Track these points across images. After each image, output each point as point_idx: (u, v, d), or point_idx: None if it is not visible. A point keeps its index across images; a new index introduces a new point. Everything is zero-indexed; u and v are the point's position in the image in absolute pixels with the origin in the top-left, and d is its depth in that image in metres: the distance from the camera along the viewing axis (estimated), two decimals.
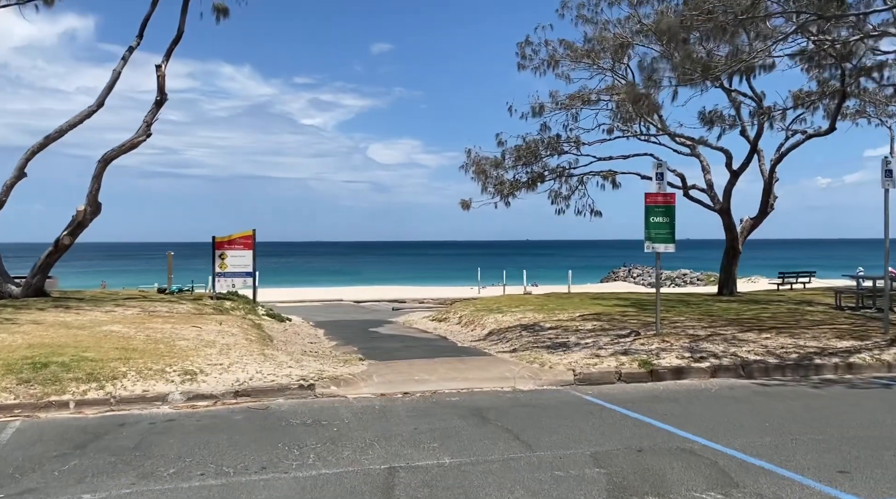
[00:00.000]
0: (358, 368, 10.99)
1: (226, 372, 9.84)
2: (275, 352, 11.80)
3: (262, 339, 13.11)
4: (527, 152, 24.19)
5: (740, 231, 24.13)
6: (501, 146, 24.22)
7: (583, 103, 24.40)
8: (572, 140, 24.53)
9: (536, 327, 15.34)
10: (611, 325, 14.74)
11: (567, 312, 17.57)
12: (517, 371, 10.63)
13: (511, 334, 14.97)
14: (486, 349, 13.60)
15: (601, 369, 10.54)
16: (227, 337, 12.40)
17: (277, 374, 9.93)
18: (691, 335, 12.70)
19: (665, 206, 12.42)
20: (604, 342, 12.59)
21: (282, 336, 15.08)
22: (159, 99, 17.24)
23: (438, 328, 18.76)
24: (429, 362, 11.57)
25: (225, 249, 20.98)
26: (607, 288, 54.20)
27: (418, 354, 12.90)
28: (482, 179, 24.52)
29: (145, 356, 10.19)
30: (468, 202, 24.92)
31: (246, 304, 20.92)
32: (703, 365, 10.75)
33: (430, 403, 9.02)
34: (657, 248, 12.51)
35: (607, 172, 25.27)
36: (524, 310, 18.82)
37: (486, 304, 21.63)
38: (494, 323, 17.01)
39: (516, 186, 24.61)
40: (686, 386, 10.04)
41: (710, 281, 65.11)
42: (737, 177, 23.25)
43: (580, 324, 15.16)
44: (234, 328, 13.46)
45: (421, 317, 22.66)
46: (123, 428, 7.78)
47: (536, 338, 13.86)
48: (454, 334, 16.90)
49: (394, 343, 15.07)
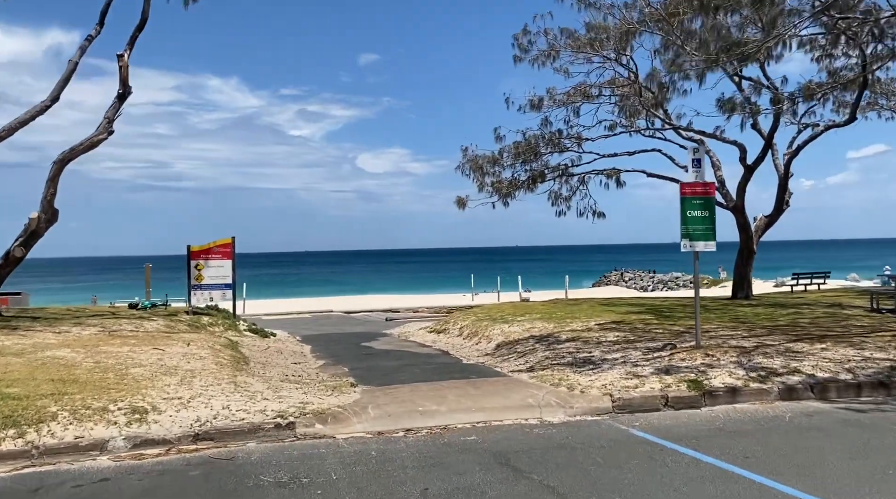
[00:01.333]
0: (349, 396, 8.98)
1: (185, 408, 7.81)
2: (249, 379, 9.76)
3: (235, 362, 11.07)
4: (526, 149, 22.30)
5: (754, 230, 22.33)
6: (500, 142, 22.35)
7: (584, 97, 22.56)
8: (573, 136, 22.67)
9: (551, 339, 13.39)
10: (636, 336, 12.81)
11: (580, 322, 15.63)
12: (542, 397, 8.66)
13: (523, 348, 13.01)
14: (498, 367, 11.62)
15: (644, 393, 8.59)
16: (193, 361, 10.35)
17: (249, 409, 7.91)
18: (736, 347, 10.78)
19: (704, 198, 10.51)
20: (636, 357, 10.64)
21: (261, 356, 13.04)
22: (122, 92, 15.20)
23: (438, 341, 16.77)
24: (434, 387, 9.58)
25: (201, 259, 18.92)
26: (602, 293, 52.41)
27: (420, 375, 10.90)
28: (479, 178, 22.61)
29: (86, 390, 8.14)
30: (464, 200, 23.00)
31: (226, 318, 18.86)
32: (765, 385, 8.83)
33: (441, 444, 7.03)
34: (696, 246, 10.59)
35: (611, 171, 23.42)
36: (531, 319, 16.87)
37: (488, 312, 19.66)
38: (501, 335, 15.04)
39: (515, 186, 22.71)
40: (750, 413, 8.10)
41: (703, 284, 63.64)
42: (751, 172, 21.45)
43: (600, 335, 13.21)
44: (203, 350, 11.40)
45: (417, 328, 20.66)
46: (37, 495, 5.75)
47: (554, 352, 11.90)
48: (457, 349, 14.91)
49: (390, 361, 13.07)
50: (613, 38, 20.89)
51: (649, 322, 14.83)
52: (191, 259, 18.79)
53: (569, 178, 24.14)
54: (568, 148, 22.76)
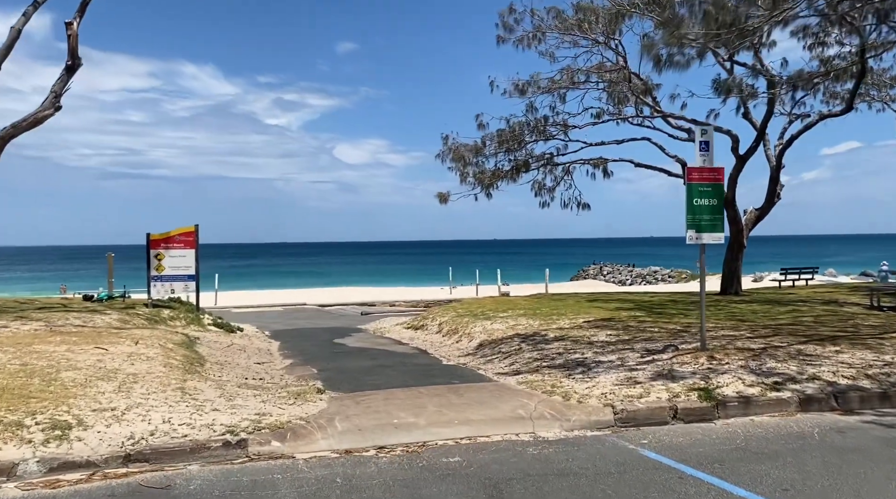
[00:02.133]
0: (315, 405, 7.83)
1: (118, 422, 6.61)
2: (201, 384, 8.55)
3: (188, 363, 9.84)
4: (510, 137, 21.21)
5: (745, 223, 21.47)
6: (483, 129, 21.24)
7: (570, 82, 21.51)
8: (559, 124, 21.62)
9: (537, 338, 12.32)
10: (630, 335, 11.78)
11: (567, 319, 14.60)
12: (534, 407, 7.58)
13: (508, 348, 11.92)
14: (482, 370, 10.52)
15: (649, 404, 7.54)
16: (138, 363, 9.12)
17: (195, 423, 6.73)
18: (743, 350, 9.79)
19: (712, 184, 9.48)
20: (634, 360, 9.61)
21: (221, 355, 11.81)
22: (70, 64, 13.80)
23: (416, 338, 15.64)
24: (412, 394, 8.45)
25: (161, 248, 17.57)
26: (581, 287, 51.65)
27: (396, 379, 9.76)
28: (461, 168, 21.48)
29: (1, 400, 6.90)
30: (446, 195, 21.87)
31: (189, 312, 17.57)
32: (782, 394, 7.83)
33: (420, 468, 5.92)
34: (702, 238, 9.57)
35: (598, 160, 22.42)
36: (515, 315, 15.81)
37: (469, 308, 18.57)
38: (483, 332, 13.95)
39: (499, 176, 21.62)
40: (772, 428, 7.09)
41: (682, 278, 63.23)
42: (743, 163, 20.54)
43: (591, 334, 12.17)
44: (153, 349, 10.15)
45: (394, 323, 19.52)
46: None
47: (542, 353, 10.82)
48: (436, 347, 13.80)
49: (363, 361, 11.92)
50: (603, 21, 19.87)
51: (642, 320, 13.83)
52: (150, 248, 17.43)
53: (553, 167, 23.12)
54: (553, 135, 21.71)
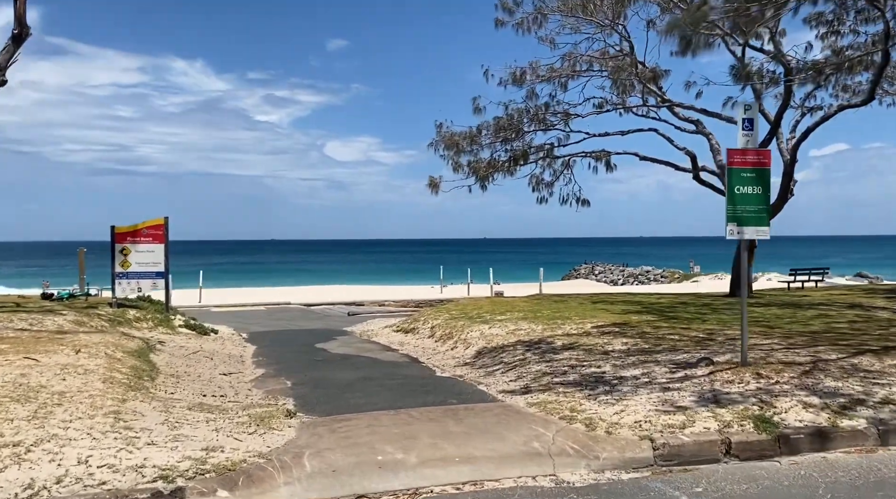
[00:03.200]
0: (281, 434, 6.28)
1: (18, 463, 5.04)
2: (144, 404, 6.97)
3: (136, 377, 8.24)
4: (508, 125, 19.70)
5: None
6: (479, 114, 19.69)
7: (572, 70, 20.02)
8: (560, 112, 20.13)
9: (543, 346, 10.82)
10: (649, 344, 10.29)
11: (573, 323, 13.10)
12: (552, 439, 6.07)
13: (511, 357, 10.41)
14: (482, 384, 9.00)
15: (696, 436, 6.04)
16: (72, 377, 7.53)
17: (120, 463, 5.16)
18: (789, 364, 8.31)
19: (757, 169, 8.00)
20: (663, 376, 8.12)
21: (181, 366, 10.22)
22: (17, 33, 12.17)
23: (406, 344, 14.10)
24: (401, 418, 6.91)
25: (128, 242, 15.95)
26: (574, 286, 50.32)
27: (383, 396, 8.22)
28: (454, 157, 19.96)
29: None
30: (437, 182, 20.30)
31: (158, 312, 15.96)
32: (856, 424, 6.35)
33: None
34: (744, 232, 8.09)
35: (600, 153, 20.95)
36: (514, 318, 14.32)
37: (463, 310, 17.06)
38: (481, 338, 12.44)
39: (495, 167, 20.10)
40: (854, 470, 5.60)
41: (675, 278, 62.09)
42: None
43: (604, 342, 10.67)
44: (96, 359, 8.56)
45: (382, 326, 17.97)
46: None
47: (552, 365, 9.32)
48: (429, 355, 12.26)
49: (346, 372, 10.37)
50: (608, 2, 18.39)
51: (658, 325, 12.34)
52: (115, 242, 15.81)
53: (552, 161, 21.64)
54: (554, 125, 20.21)
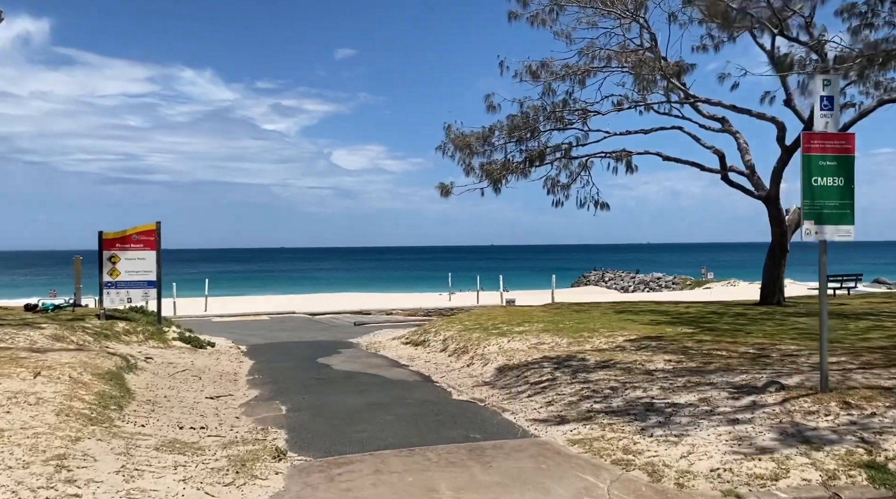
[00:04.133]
0: (265, 485, 4.94)
1: None
2: (101, 444, 5.64)
3: (101, 405, 6.91)
4: (523, 124, 18.37)
5: (787, 224, 18.65)
6: (493, 113, 18.35)
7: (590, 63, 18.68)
8: (578, 110, 18.80)
9: (574, 363, 9.45)
10: (695, 361, 8.91)
11: (602, 337, 11.74)
12: (606, 493, 4.71)
13: (537, 376, 9.05)
14: (507, 410, 7.64)
15: (794, 491, 4.67)
16: (19, 408, 6.21)
17: None
18: (877, 388, 6.91)
19: (838, 156, 6.66)
20: (726, 403, 6.74)
21: (165, 386, 8.90)
22: None
23: (417, 358, 12.77)
24: (415, 462, 5.56)
25: (117, 249, 14.68)
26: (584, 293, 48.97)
27: (391, 428, 6.87)
28: (466, 159, 18.61)
29: None
30: (448, 187, 18.98)
31: (150, 324, 14.69)
32: None
33: None
34: (825, 232, 6.72)
35: (620, 152, 19.56)
36: (534, 331, 12.97)
37: (477, 320, 15.71)
38: (501, 353, 11.08)
39: (509, 168, 18.77)
40: None
41: (686, 285, 60.53)
42: (790, 155, 17.71)
43: (643, 359, 9.30)
44: (56, 384, 7.24)
45: (390, 337, 16.64)
46: None
47: (587, 387, 7.96)
48: (443, 372, 10.91)
49: (350, 395, 9.02)
50: None
51: (699, 339, 10.95)
52: (103, 249, 14.55)
53: (569, 162, 20.29)
54: (572, 124, 18.87)
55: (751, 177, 18.53)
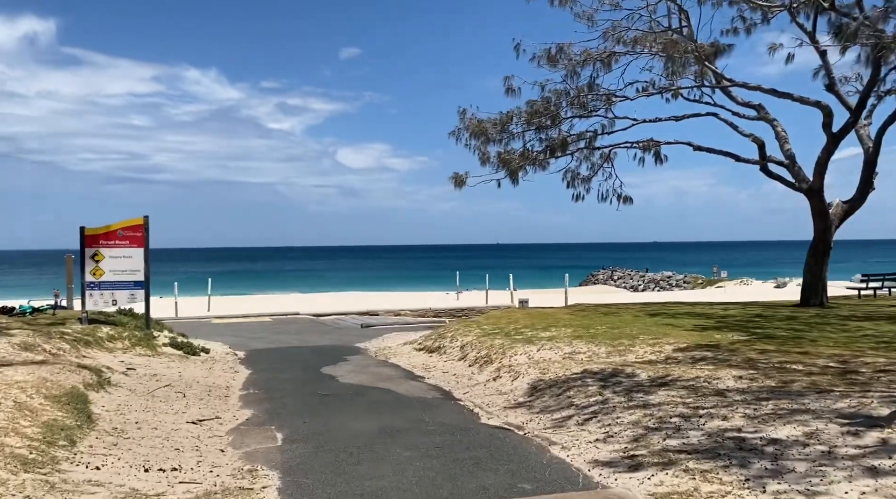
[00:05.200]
0: None
1: None
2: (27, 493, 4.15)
3: (45, 440, 5.41)
4: (544, 109, 16.84)
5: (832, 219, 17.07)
6: (512, 96, 16.80)
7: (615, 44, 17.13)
8: (602, 95, 17.26)
9: (622, 379, 7.93)
10: (773, 378, 7.38)
11: (646, 345, 10.22)
12: None
13: (583, 396, 7.53)
14: (556, 442, 6.11)
15: None
16: None
17: None
18: None
19: None
20: (843, 440, 5.21)
21: (138, 407, 7.39)
22: None
23: (433, 368, 11.26)
24: None
25: (100, 245, 13.21)
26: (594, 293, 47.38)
27: (414, 471, 5.34)
28: (482, 148, 17.08)
29: None
30: (462, 178, 17.44)
31: (138, 329, 13.23)
32: None
33: None
34: None
35: (647, 142, 18.00)
36: (566, 337, 11.47)
37: (496, 323, 14.21)
38: (532, 365, 9.57)
39: (528, 158, 17.24)
40: None
41: (698, 284, 58.87)
42: (837, 143, 16.14)
43: (707, 374, 7.77)
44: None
45: (401, 342, 15.15)
46: None
47: (651, 414, 6.43)
48: (465, 386, 9.41)
49: (360, 418, 7.52)
50: None
51: (762, 349, 9.40)
52: (85, 246, 13.08)
53: (591, 153, 18.77)
54: (596, 110, 17.33)
55: (791, 167, 16.95)
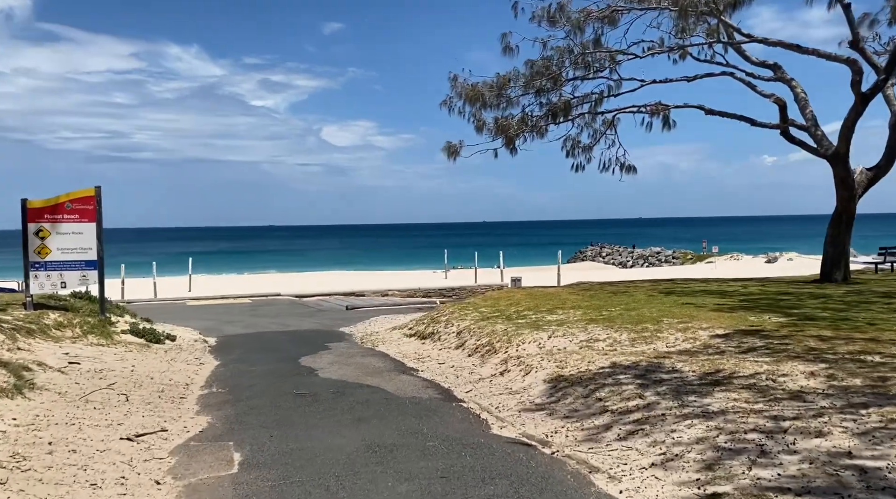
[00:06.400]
0: None
1: None
2: None
3: None
4: (545, 70, 15.19)
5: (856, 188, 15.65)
6: (510, 56, 15.14)
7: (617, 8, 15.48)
8: (612, 51, 15.63)
9: (662, 376, 6.44)
10: (855, 375, 5.92)
11: (674, 329, 8.75)
12: None
13: (618, 398, 6.02)
14: (600, 469, 4.60)
15: None
16: None
17: None
18: None
19: None
20: None
21: (63, 420, 5.76)
22: None
23: (426, 358, 9.74)
24: None
25: (46, 221, 11.49)
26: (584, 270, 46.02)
27: None
28: (477, 113, 15.44)
29: None
30: (456, 147, 15.83)
31: (91, 314, 11.58)
32: None
33: None
34: None
35: (655, 106, 16.42)
36: (578, 321, 10.00)
37: (496, 305, 12.70)
38: (545, 356, 8.05)
39: (528, 123, 15.63)
40: None
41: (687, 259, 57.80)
42: (866, 104, 14.64)
43: (768, 369, 6.30)
44: None
45: (389, 327, 13.64)
46: None
47: (716, 426, 4.94)
48: (467, 382, 7.88)
49: (341, 432, 5.97)
50: None
51: (817, 334, 7.93)
52: (27, 221, 11.35)
53: (593, 119, 17.19)
54: (600, 71, 15.70)
55: (813, 131, 15.47)
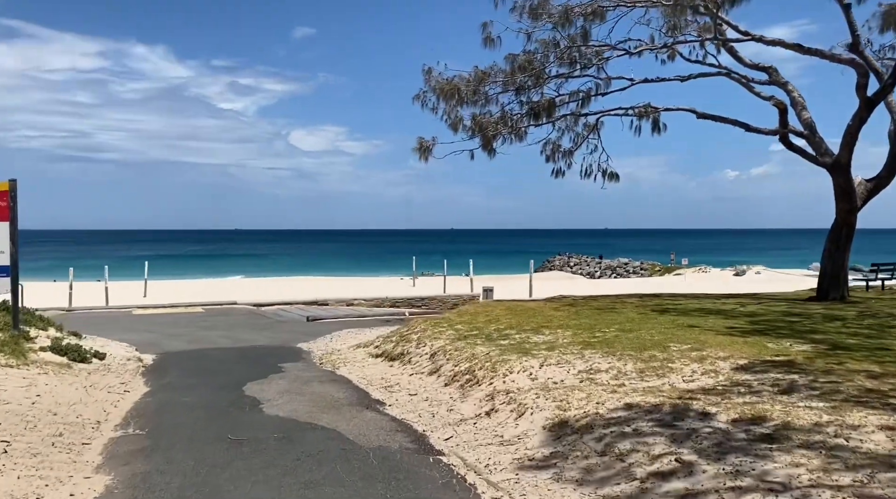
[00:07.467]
0: None
1: None
2: None
3: None
4: (527, 65, 13.84)
5: None
6: (491, 48, 13.75)
7: None
8: (597, 47, 14.38)
9: (694, 423, 5.06)
10: None
11: (689, 360, 7.41)
12: None
13: (646, 460, 4.61)
14: None
15: None
16: None
17: None
18: None
19: None
20: None
21: None
22: None
23: (396, 388, 8.23)
24: None
25: None
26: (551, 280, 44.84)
27: None
28: (453, 109, 14.02)
29: None
30: (428, 145, 14.37)
31: (3, 328, 9.82)
32: None
33: None
34: None
35: (644, 108, 15.21)
36: (570, 345, 8.62)
37: (473, 322, 11.25)
38: (537, 390, 6.62)
39: (507, 122, 14.26)
40: None
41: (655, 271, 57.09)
42: (870, 109, 13.61)
43: (829, 419, 4.96)
44: None
45: (353, 343, 12.08)
46: None
47: None
48: (444, 422, 6.39)
49: None
50: None
51: (865, 369, 6.63)
52: None
53: (576, 121, 15.93)
54: (589, 67, 14.42)
55: (811, 138, 14.41)
